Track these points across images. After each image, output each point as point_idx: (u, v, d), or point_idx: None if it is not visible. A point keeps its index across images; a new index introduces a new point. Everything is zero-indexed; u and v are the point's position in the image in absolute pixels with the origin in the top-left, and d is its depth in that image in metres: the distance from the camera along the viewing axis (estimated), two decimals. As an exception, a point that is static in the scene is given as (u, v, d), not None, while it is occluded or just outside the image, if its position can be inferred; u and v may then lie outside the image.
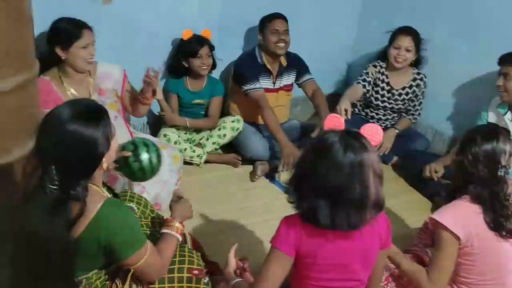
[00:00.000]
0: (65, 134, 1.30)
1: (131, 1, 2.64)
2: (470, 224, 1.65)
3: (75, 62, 2.25)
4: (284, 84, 3.05)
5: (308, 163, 1.35)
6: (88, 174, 1.38)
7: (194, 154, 2.83)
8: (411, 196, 2.85)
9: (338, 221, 1.31)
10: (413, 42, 2.96)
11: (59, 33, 2.24)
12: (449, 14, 3.04)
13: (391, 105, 3.16)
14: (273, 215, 2.41)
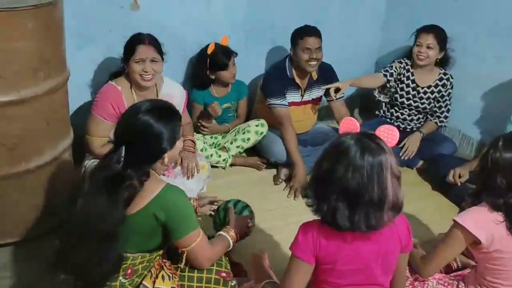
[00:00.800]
0: (137, 122, 1.50)
1: (159, 7, 2.71)
2: (491, 229, 1.63)
3: (132, 77, 2.29)
4: (313, 97, 3.02)
5: (326, 167, 1.35)
6: (149, 162, 1.55)
7: (220, 158, 2.87)
8: (437, 200, 2.81)
9: (357, 223, 1.32)
10: (436, 40, 2.93)
11: (125, 46, 2.32)
12: (479, 15, 3.00)
13: (416, 103, 3.13)
14: (294, 218, 2.44)
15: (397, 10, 3.54)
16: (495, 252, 1.64)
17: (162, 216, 1.51)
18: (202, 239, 1.59)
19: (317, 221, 1.42)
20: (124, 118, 1.56)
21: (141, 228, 1.54)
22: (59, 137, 2.07)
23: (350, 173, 1.29)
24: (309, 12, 3.20)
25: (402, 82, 3.13)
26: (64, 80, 2.04)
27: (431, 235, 2.40)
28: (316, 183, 1.40)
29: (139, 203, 1.50)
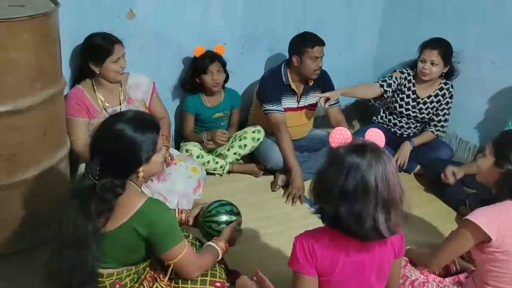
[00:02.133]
0: (113, 132, 1.46)
1: (155, 14, 2.71)
2: (506, 227, 1.63)
3: (108, 76, 2.43)
4: (309, 103, 3.02)
5: (328, 180, 1.35)
6: (124, 174, 1.49)
7: (217, 165, 2.87)
8: (434, 205, 2.81)
9: (389, 228, 1.33)
10: (440, 56, 2.90)
11: (92, 50, 2.40)
12: (476, 21, 3.01)
13: (415, 113, 3.13)
14: (292, 224, 2.45)
15: (394, 17, 3.54)
16: (503, 254, 1.63)
17: (144, 231, 1.48)
18: (187, 251, 1.57)
19: (313, 232, 1.43)
20: (101, 128, 1.52)
21: (124, 243, 1.52)
22: (56, 147, 2.08)
23: (379, 183, 1.30)
24: (306, 20, 3.22)
25: (403, 92, 3.11)
26: (61, 90, 2.05)
27: (429, 240, 2.39)
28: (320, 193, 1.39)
29: (120, 218, 1.47)
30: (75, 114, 2.39)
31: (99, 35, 2.42)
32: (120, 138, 1.46)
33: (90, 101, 2.43)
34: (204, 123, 2.99)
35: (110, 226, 1.47)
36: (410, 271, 1.89)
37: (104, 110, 2.46)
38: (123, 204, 1.47)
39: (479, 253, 1.71)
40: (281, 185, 2.84)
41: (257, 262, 2.17)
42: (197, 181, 2.56)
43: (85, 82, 2.47)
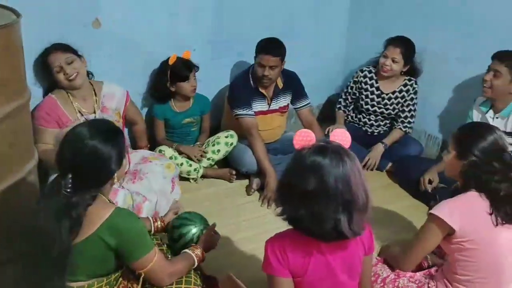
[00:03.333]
0: (85, 148, 1.47)
1: (121, 22, 2.69)
2: (469, 217, 1.68)
3: (61, 84, 2.44)
4: (280, 106, 3.04)
5: (300, 185, 1.34)
6: (99, 185, 1.52)
7: (191, 168, 2.86)
8: (407, 201, 2.86)
9: (351, 230, 1.33)
10: (401, 54, 3.00)
11: (39, 64, 2.46)
12: (440, 19, 3.09)
13: (381, 109, 3.20)
14: (268, 227, 2.43)
15: (360, 18, 3.62)
16: (468, 242, 1.67)
17: (112, 241, 1.47)
18: (158, 259, 1.56)
19: (282, 235, 1.44)
20: (68, 145, 1.52)
21: (92, 255, 1.50)
22: (23, 160, 2.03)
23: (339, 184, 1.29)
24: (275, 23, 3.25)
25: (366, 90, 3.20)
26: (26, 102, 2.00)
27: (403, 236, 2.43)
28: (285, 195, 1.40)
29: (87, 230, 1.46)
30: (44, 124, 2.40)
31: (52, 45, 2.44)
32: (94, 155, 1.47)
33: (62, 110, 2.43)
34: (173, 128, 2.98)
35: (78, 238, 1.45)
36: (382, 269, 1.92)
37: (81, 114, 2.48)
38: (90, 214, 1.46)
39: (447, 244, 1.75)
40: (256, 189, 2.85)
41: (233, 267, 2.17)
42: (171, 180, 2.55)
43: (59, 91, 2.47)
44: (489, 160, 1.67)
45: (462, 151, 1.74)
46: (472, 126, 1.82)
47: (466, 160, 1.72)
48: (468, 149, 1.71)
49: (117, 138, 1.55)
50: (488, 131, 1.72)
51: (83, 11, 2.54)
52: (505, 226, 1.67)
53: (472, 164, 1.70)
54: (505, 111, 2.57)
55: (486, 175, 1.67)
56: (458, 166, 1.76)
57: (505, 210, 1.66)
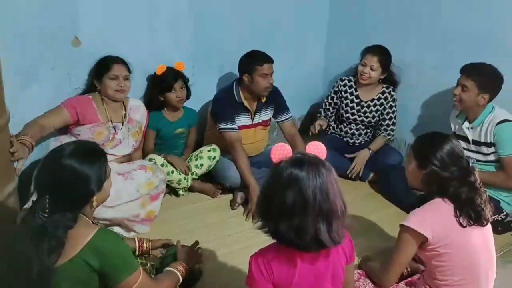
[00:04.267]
0: (60, 167, 1.45)
1: (101, 39, 2.68)
2: (439, 223, 1.72)
3: (106, 91, 2.60)
4: (263, 119, 3.07)
5: (278, 198, 1.36)
6: (76, 208, 1.48)
7: (181, 176, 2.85)
8: (389, 210, 2.90)
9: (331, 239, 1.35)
10: (379, 63, 3.08)
11: (95, 67, 2.64)
12: (417, 30, 3.17)
13: (361, 117, 3.25)
14: (253, 241, 2.43)
15: (339, 29, 3.69)
16: (442, 247, 1.71)
17: (95, 263, 1.45)
18: (143, 280, 1.54)
19: (266, 249, 1.45)
20: (46, 164, 1.50)
21: (76, 276, 1.48)
22: (2, 182, 2.01)
23: (317, 195, 1.32)
24: (256, 37, 3.28)
25: (346, 98, 3.26)
26: (4, 123, 1.98)
27: (387, 245, 2.46)
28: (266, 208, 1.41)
29: (70, 252, 1.44)
30: (66, 105, 2.53)
31: (109, 55, 2.65)
32: (71, 173, 1.45)
33: (95, 110, 2.58)
34: (165, 139, 2.98)
35: (60, 260, 1.43)
36: (364, 283, 1.94)
37: (110, 122, 2.62)
38: (72, 236, 1.44)
39: (422, 252, 1.79)
40: (240, 203, 2.85)
41: (218, 282, 2.18)
42: (142, 195, 2.50)
43: (95, 94, 2.63)
44: (447, 167, 1.73)
45: (422, 161, 1.79)
46: (428, 137, 1.87)
47: (426, 169, 1.77)
48: (427, 158, 1.76)
49: (98, 159, 1.53)
50: (444, 140, 1.78)
51: (62, 29, 2.53)
52: (473, 226, 1.72)
53: (432, 173, 1.75)
54: (477, 121, 2.64)
55: (446, 182, 1.73)
56: (420, 176, 1.81)
57: (468, 212, 1.71)
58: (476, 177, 1.76)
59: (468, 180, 1.73)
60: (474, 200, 1.72)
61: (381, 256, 2.28)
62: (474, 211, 1.71)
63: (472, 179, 1.74)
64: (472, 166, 1.77)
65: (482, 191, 1.75)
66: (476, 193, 1.73)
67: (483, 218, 1.73)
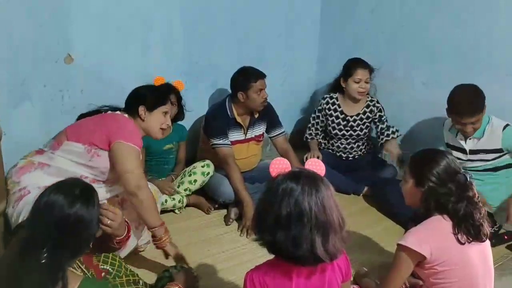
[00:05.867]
0: (65, 216, 1.35)
1: (94, 57, 2.70)
2: (437, 241, 1.71)
3: (151, 124, 2.27)
4: (255, 134, 3.07)
5: (274, 210, 1.36)
6: (78, 254, 1.43)
7: (175, 201, 2.83)
8: (384, 224, 2.90)
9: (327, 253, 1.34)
10: (369, 74, 3.15)
11: (155, 95, 2.31)
12: (405, 46, 3.22)
13: (349, 132, 3.27)
14: (247, 257, 2.43)
15: (330, 43, 3.73)
16: (440, 265, 1.70)
17: None
18: None
19: (261, 265, 1.45)
20: (44, 215, 1.36)
21: None
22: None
23: (313, 206, 1.32)
24: (247, 52, 3.31)
25: (331, 115, 3.28)
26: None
27: (382, 259, 2.46)
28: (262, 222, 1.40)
29: None
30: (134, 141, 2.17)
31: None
32: (78, 221, 1.38)
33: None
34: (154, 155, 2.96)
35: None
36: None
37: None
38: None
39: (420, 271, 1.78)
40: (235, 219, 2.84)
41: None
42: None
43: (135, 119, 2.28)
44: (444, 183, 1.73)
45: (419, 178, 1.79)
46: (424, 154, 1.87)
47: (424, 187, 1.77)
48: (424, 176, 1.76)
49: (94, 197, 1.46)
50: (440, 156, 1.78)
51: (55, 47, 2.53)
52: (472, 243, 1.71)
53: (430, 189, 1.75)
54: (479, 132, 2.63)
55: (444, 198, 1.72)
56: (418, 194, 1.80)
57: (467, 228, 1.71)
58: (474, 192, 1.75)
59: (467, 195, 1.73)
60: (473, 215, 1.71)
61: (377, 272, 2.27)
62: (473, 227, 1.71)
63: (470, 193, 1.74)
64: (469, 181, 1.76)
65: (480, 206, 1.75)
66: (475, 208, 1.73)
67: (482, 234, 1.72)
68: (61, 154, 2.15)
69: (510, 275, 2.40)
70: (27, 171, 2.16)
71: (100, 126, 2.15)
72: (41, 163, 2.17)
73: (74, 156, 2.14)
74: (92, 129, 2.14)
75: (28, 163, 2.18)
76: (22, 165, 2.19)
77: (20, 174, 2.15)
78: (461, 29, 2.90)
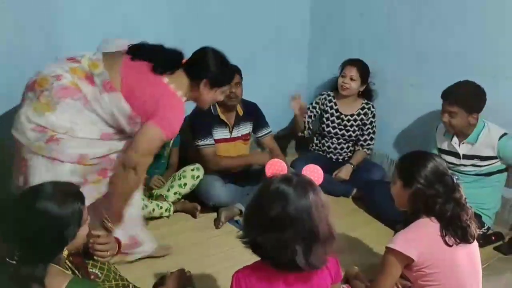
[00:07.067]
0: (35, 211, 1.30)
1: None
2: (425, 244, 1.72)
3: (204, 100, 2.24)
4: (242, 134, 3.08)
5: (262, 211, 1.36)
6: (51, 258, 1.36)
7: (162, 209, 2.83)
8: (373, 226, 2.92)
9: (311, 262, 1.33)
10: (358, 73, 3.17)
11: (214, 73, 2.25)
12: (395, 49, 3.24)
13: (342, 131, 3.30)
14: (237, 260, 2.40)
15: (320, 47, 3.76)
16: (428, 267, 1.72)
17: None
18: None
19: (248, 266, 1.45)
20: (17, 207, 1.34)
21: None
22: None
23: (300, 214, 1.31)
24: (237, 55, 3.29)
25: (327, 112, 3.33)
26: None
27: (372, 260, 2.47)
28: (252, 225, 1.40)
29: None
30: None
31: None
32: (43, 218, 1.31)
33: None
34: None
35: None
36: None
37: None
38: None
39: (409, 273, 1.80)
40: (225, 222, 2.84)
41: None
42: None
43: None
44: (432, 185, 1.75)
45: (407, 180, 1.80)
46: (412, 156, 1.89)
47: (411, 188, 1.78)
48: (413, 177, 1.77)
49: (74, 202, 1.39)
50: (428, 158, 1.80)
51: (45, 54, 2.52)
52: (460, 245, 1.73)
53: (418, 191, 1.76)
54: (472, 138, 2.65)
55: (431, 199, 1.74)
56: (406, 195, 1.81)
57: (455, 229, 1.72)
58: (461, 194, 1.77)
59: (454, 196, 1.75)
60: (460, 217, 1.73)
61: (366, 273, 2.28)
62: (460, 228, 1.72)
63: (457, 195, 1.75)
64: (456, 183, 1.78)
65: (467, 207, 1.77)
66: (462, 210, 1.74)
67: (469, 235, 1.74)
68: (107, 101, 1.96)
69: (497, 276, 2.42)
70: (68, 95, 1.90)
71: (154, 102, 2.00)
72: (85, 98, 1.93)
73: (116, 110, 1.98)
74: (144, 100, 2.00)
75: (74, 87, 1.92)
76: (66, 84, 1.91)
77: (60, 95, 1.89)
78: (448, 32, 2.93)
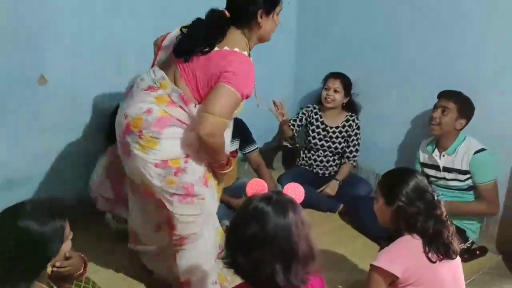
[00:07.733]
0: (15, 231, 1.30)
1: (69, 77, 2.68)
2: (408, 261, 1.73)
3: (267, 31, 2.09)
4: (229, 151, 3.09)
5: (241, 230, 1.35)
6: (33, 277, 1.35)
7: None
8: (360, 241, 2.92)
9: (275, 278, 1.31)
10: (342, 85, 3.24)
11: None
12: (379, 65, 3.28)
13: (328, 143, 3.34)
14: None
15: (306, 63, 3.80)
16: (412, 284, 1.72)
17: None
18: None
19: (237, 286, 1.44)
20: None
21: None
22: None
23: (278, 232, 1.30)
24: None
25: (312, 124, 3.38)
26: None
27: (357, 277, 2.47)
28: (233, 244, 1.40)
29: None
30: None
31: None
32: (26, 236, 1.31)
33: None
34: None
35: None
36: None
37: None
38: None
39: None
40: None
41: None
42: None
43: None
44: (413, 202, 1.76)
45: (389, 198, 1.82)
46: (394, 173, 1.91)
47: (393, 205, 1.79)
48: (394, 195, 1.79)
49: (55, 219, 1.38)
50: (409, 175, 1.82)
51: (28, 68, 2.51)
52: (443, 261, 1.74)
53: (400, 208, 1.78)
54: (451, 149, 2.69)
55: (413, 217, 1.76)
56: (388, 212, 1.83)
57: (437, 246, 1.74)
58: (442, 210, 1.79)
59: (435, 213, 1.76)
60: (442, 233, 1.74)
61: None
62: (443, 245, 1.74)
63: (438, 212, 1.77)
64: (437, 199, 1.80)
65: (449, 224, 1.78)
66: (443, 226, 1.76)
67: (452, 251, 1.75)
68: (193, 110, 1.89)
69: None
70: (166, 125, 1.86)
71: (216, 65, 1.89)
72: (179, 120, 1.88)
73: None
74: (209, 74, 1.89)
75: (166, 115, 1.87)
76: (159, 115, 1.85)
77: (160, 127, 1.84)
78: (434, 47, 2.96)
